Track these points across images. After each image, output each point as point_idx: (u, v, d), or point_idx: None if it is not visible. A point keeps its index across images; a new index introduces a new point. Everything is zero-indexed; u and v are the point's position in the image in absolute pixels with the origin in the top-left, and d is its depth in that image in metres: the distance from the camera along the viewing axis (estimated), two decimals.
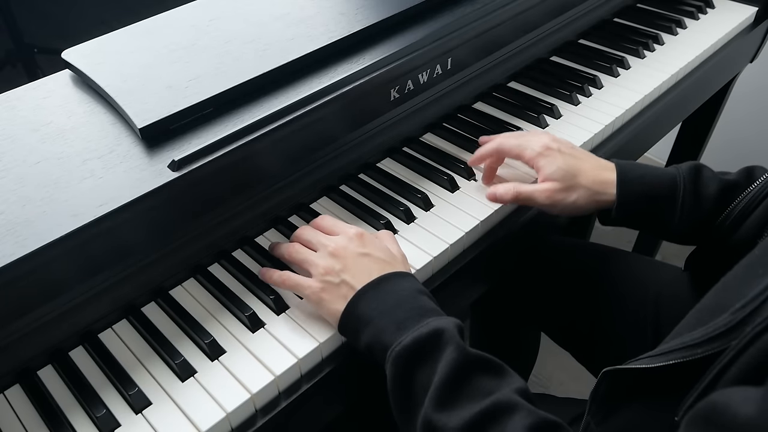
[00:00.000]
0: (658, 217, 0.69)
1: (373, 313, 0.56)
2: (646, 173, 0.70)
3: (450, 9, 0.81)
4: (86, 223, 0.54)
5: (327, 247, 0.62)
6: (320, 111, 0.68)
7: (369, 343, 0.56)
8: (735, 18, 1.09)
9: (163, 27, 0.72)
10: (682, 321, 0.52)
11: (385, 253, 0.62)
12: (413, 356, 0.53)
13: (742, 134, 1.71)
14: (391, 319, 0.55)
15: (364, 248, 0.61)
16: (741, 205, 0.65)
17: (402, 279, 0.59)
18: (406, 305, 0.56)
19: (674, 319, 0.77)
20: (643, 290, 0.81)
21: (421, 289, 0.59)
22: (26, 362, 0.59)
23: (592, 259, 0.87)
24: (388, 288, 0.58)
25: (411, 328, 0.54)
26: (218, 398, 0.56)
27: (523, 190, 0.71)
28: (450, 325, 0.54)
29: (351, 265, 0.60)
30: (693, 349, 0.44)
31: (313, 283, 0.61)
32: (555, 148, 0.72)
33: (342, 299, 0.59)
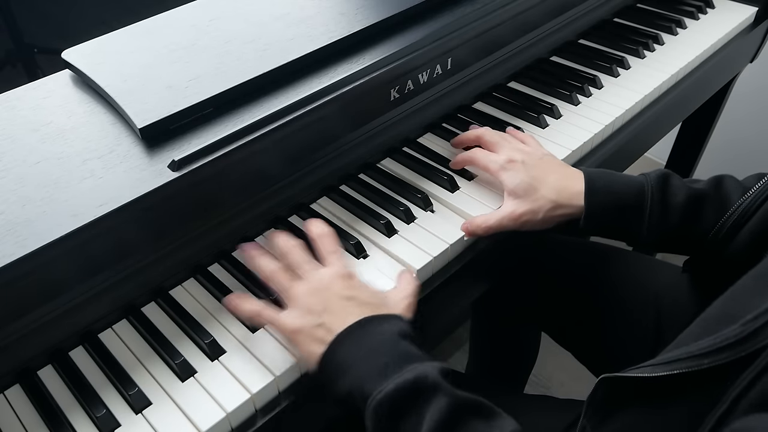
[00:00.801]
0: (626, 227, 0.69)
1: (351, 360, 0.53)
2: (614, 182, 0.69)
3: (450, 9, 0.81)
4: (86, 223, 0.54)
5: (311, 282, 0.59)
6: (320, 111, 0.68)
7: (349, 391, 0.52)
8: (735, 18, 1.09)
9: (163, 27, 0.72)
10: (685, 330, 0.51)
11: (372, 297, 0.59)
12: (397, 404, 0.50)
13: (742, 134, 1.71)
14: (373, 366, 0.52)
15: (350, 290, 0.58)
16: (734, 216, 0.64)
17: (384, 322, 0.55)
18: (386, 350, 0.53)
19: (675, 319, 0.77)
20: (644, 289, 0.81)
21: (404, 331, 0.55)
22: (26, 362, 0.59)
23: (592, 258, 0.87)
24: (369, 331, 0.54)
25: (392, 375, 0.51)
26: (218, 398, 0.56)
27: (492, 224, 0.70)
28: (434, 371, 0.51)
29: (333, 307, 0.56)
30: (699, 359, 0.43)
31: (289, 321, 0.57)
32: (519, 160, 0.72)
33: (319, 342, 0.55)
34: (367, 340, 0.54)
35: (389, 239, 0.71)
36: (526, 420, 0.72)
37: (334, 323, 0.55)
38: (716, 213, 0.66)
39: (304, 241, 0.64)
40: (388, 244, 0.70)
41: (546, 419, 0.71)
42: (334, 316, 0.56)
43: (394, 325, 0.55)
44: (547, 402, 0.77)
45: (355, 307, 0.56)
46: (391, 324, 0.55)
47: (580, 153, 0.85)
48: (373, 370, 0.52)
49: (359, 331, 0.54)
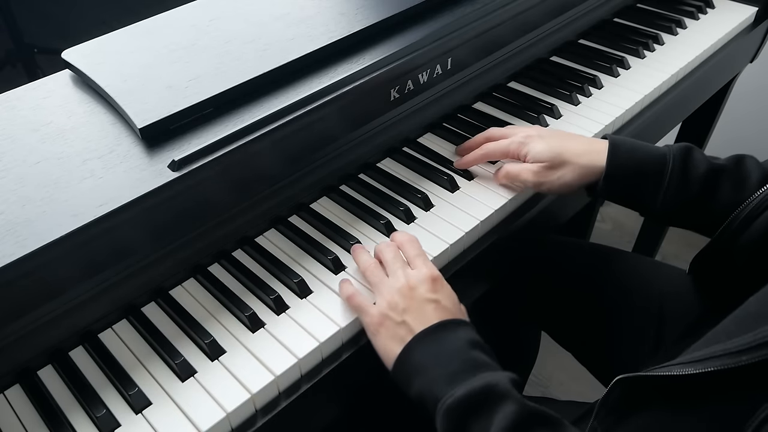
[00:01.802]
0: (643, 193, 0.69)
1: (427, 362, 0.56)
2: (638, 148, 0.70)
3: (450, 9, 0.81)
4: (86, 223, 0.54)
5: (398, 280, 0.61)
6: (320, 111, 0.68)
7: (420, 392, 0.55)
8: (735, 18, 1.09)
9: (163, 27, 0.72)
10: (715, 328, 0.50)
11: (451, 303, 0.61)
12: (467, 409, 0.52)
13: (743, 134, 1.71)
14: (444, 371, 0.54)
15: (434, 294, 0.60)
16: (750, 207, 0.65)
17: (459, 327, 0.58)
18: (460, 357, 0.55)
19: (676, 320, 0.77)
20: (645, 291, 0.81)
21: (477, 340, 0.58)
22: (26, 362, 0.59)
23: (593, 259, 0.87)
24: (445, 336, 0.57)
25: (464, 381, 0.53)
26: (218, 398, 0.56)
27: (511, 169, 0.73)
28: (504, 379, 0.53)
29: (415, 308, 0.59)
30: (737, 356, 0.42)
31: (374, 313, 0.60)
32: (536, 134, 0.74)
33: (398, 340, 0.58)
34: (442, 345, 0.56)
35: None
36: None
37: (415, 323, 0.58)
38: (733, 189, 0.67)
39: None
40: None
41: None
42: (415, 316, 0.58)
43: (467, 332, 0.58)
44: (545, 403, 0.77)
45: (435, 311, 0.59)
46: (466, 331, 0.58)
47: None
48: (444, 375, 0.54)
49: (436, 335, 0.57)
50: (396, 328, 0.58)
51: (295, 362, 0.59)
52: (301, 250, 0.71)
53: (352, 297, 0.62)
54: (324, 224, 0.72)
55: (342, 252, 0.70)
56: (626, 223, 1.83)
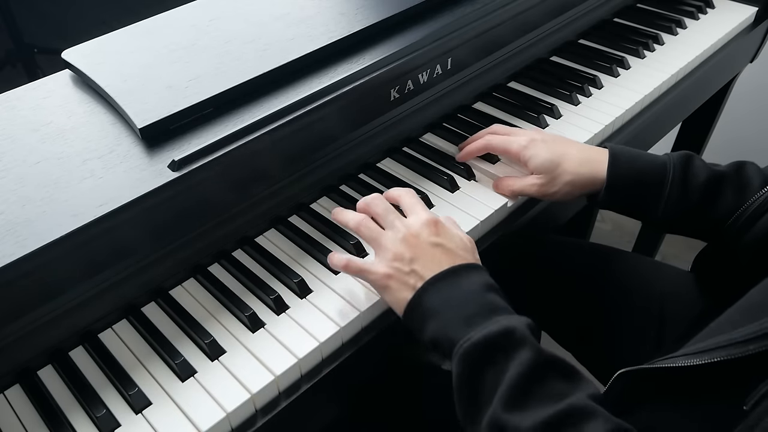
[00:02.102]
0: (644, 202, 0.69)
1: (440, 307, 0.55)
2: (638, 157, 0.70)
3: (450, 9, 0.81)
4: (86, 223, 0.54)
5: (399, 231, 0.60)
6: (320, 111, 0.68)
7: (435, 337, 0.54)
8: (735, 18, 1.09)
9: (163, 27, 0.72)
10: (719, 318, 0.50)
11: (457, 244, 0.60)
12: (483, 354, 0.51)
13: (742, 134, 1.71)
14: (460, 314, 0.54)
15: (437, 237, 0.59)
16: (753, 206, 0.65)
17: (472, 272, 0.57)
18: (475, 300, 0.55)
19: (676, 320, 0.77)
20: (645, 291, 0.81)
21: (492, 284, 0.57)
22: (26, 362, 0.59)
23: (592, 259, 0.87)
24: (457, 281, 0.56)
25: (480, 325, 0.52)
26: (218, 398, 0.56)
27: (514, 186, 0.74)
28: (521, 325, 0.52)
29: (422, 255, 0.58)
30: (744, 346, 0.42)
31: (380, 268, 0.59)
32: (540, 139, 0.74)
33: (409, 288, 0.57)
34: (456, 289, 0.55)
35: None
36: None
37: (424, 270, 0.57)
38: (735, 196, 0.67)
39: None
40: None
41: None
42: (424, 263, 0.57)
43: (481, 276, 0.57)
44: None
45: (443, 255, 0.58)
46: (479, 275, 0.57)
47: None
48: (460, 318, 0.53)
49: (448, 279, 0.56)
50: (406, 278, 0.57)
51: (295, 362, 0.59)
52: (301, 250, 0.71)
53: (349, 263, 0.61)
54: (324, 224, 0.72)
55: (341, 252, 0.69)
56: (626, 224, 1.83)
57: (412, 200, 0.64)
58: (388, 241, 0.59)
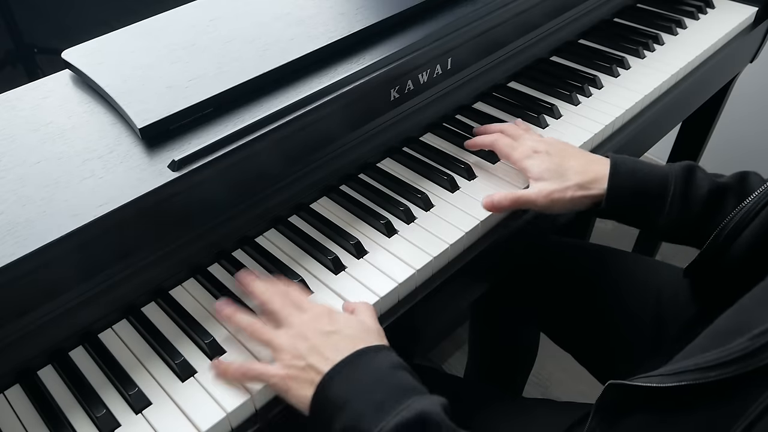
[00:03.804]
0: (645, 214, 0.69)
1: (346, 395, 0.51)
2: (639, 169, 0.70)
3: (450, 9, 0.81)
4: (86, 223, 0.54)
5: (292, 327, 0.57)
6: (320, 111, 0.68)
7: (346, 427, 0.50)
8: (735, 18, 1.09)
9: (163, 27, 0.72)
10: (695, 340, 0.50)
11: (355, 329, 0.56)
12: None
13: (742, 134, 1.71)
14: (369, 400, 0.50)
15: (331, 325, 0.56)
16: (736, 218, 0.64)
17: (377, 353, 0.54)
18: (384, 382, 0.51)
19: (675, 320, 0.77)
20: (644, 291, 0.81)
21: (399, 363, 0.54)
22: (26, 362, 0.59)
23: (592, 259, 0.87)
24: (362, 365, 0.53)
25: (392, 411, 0.49)
26: (218, 398, 0.56)
27: (520, 194, 0.71)
28: (435, 407, 0.49)
29: (318, 345, 0.54)
30: (706, 372, 0.43)
31: (278, 370, 0.55)
32: (543, 150, 0.73)
33: (309, 384, 0.53)
34: (360, 374, 0.52)
35: (389, 239, 0.71)
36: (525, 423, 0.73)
37: (322, 363, 0.53)
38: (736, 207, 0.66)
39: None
40: (388, 244, 0.70)
41: (546, 422, 0.71)
42: (321, 354, 0.54)
43: (387, 356, 0.54)
44: (546, 405, 0.77)
45: (341, 341, 0.55)
46: (386, 355, 0.54)
47: None
48: (369, 405, 0.50)
49: (353, 364, 0.53)
50: (304, 374, 0.53)
51: None
52: (301, 250, 0.71)
53: (247, 370, 0.56)
54: (324, 224, 0.72)
55: (342, 252, 0.69)
56: None
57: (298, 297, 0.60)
58: (282, 341, 0.56)
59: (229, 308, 0.60)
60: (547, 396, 1.43)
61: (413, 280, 0.67)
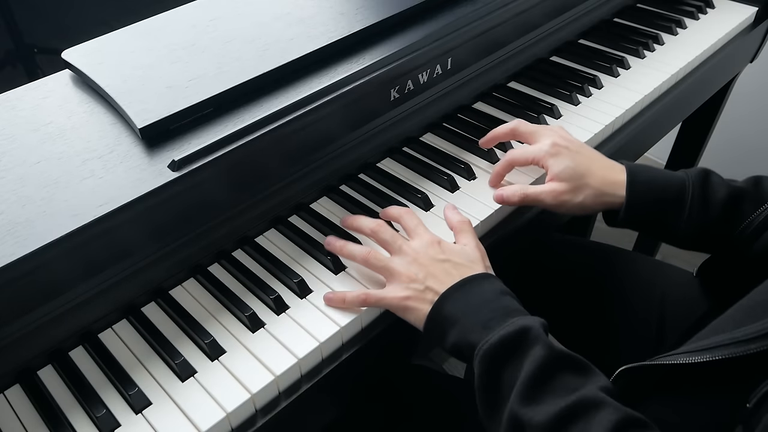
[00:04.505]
0: (664, 221, 0.69)
1: (458, 314, 0.57)
2: (656, 176, 0.69)
3: (450, 9, 0.81)
4: (86, 223, 0.54)
5: (407, 254, 0.63)
6: (320, 111, 0.68)
7: (456, 343, 0.57)
8: (735, 18, 1.09)
9: (163, 27, 0.72)
10: (720, 317, 0.50)
11: (463, 257, 0.63)
12: (500, 354, 0.53)
13: (742, 134, 1.71)
14: (477, 319, 0.56)
15: (443, 254, 0.62)
16: (763, 215, 0.64)
17: (485, 280, 0.60)
18: (491, 305, 0.57)
19: (678, 320, 0.77)
20: (647, 291, 0.81)
21: (504, 289, 0.60)
22: (26, 362, 0.59)
23: (594, 258, 0.87)
24: (471, 289, 0.59)
25: (497, 327, 0.55)
26: (218, 398, 0.56)
27: (530, 191, 0.71)
28: (536, 324, 0.55)
29: (433, 271, 0.61)
30: (746, 345, 0.43)
31: (398, 292, 0.61)
32: (564, 145, 0.72)
33: (428, 303, 0.60)
34: (471, 297, 0.58)
35: None
36: None
37: (439, 285, 0.60)
38: (754, 211, 0.66)
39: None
40: None
41: None
42: (437, 278, 0.60)
43: (492, 283, 0.60)
44: None
45: (453, 269, 0.61)
46: (491, 282, 0.60)
47: None
48: (478, 323, 0.56)
49: (463, 289, 0.59)
50: (423, 295, 0.60)
51: (295, 362, 0.59)
52: (301, 250, 0.71)
53: (366, 296, 0.62)
54: (324, 224, 0.72)
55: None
56: None
57: (413, 221, 0.67)
58: (399, 266, 0.62)
59: (339, 241, 0.67)
60: None
61: None
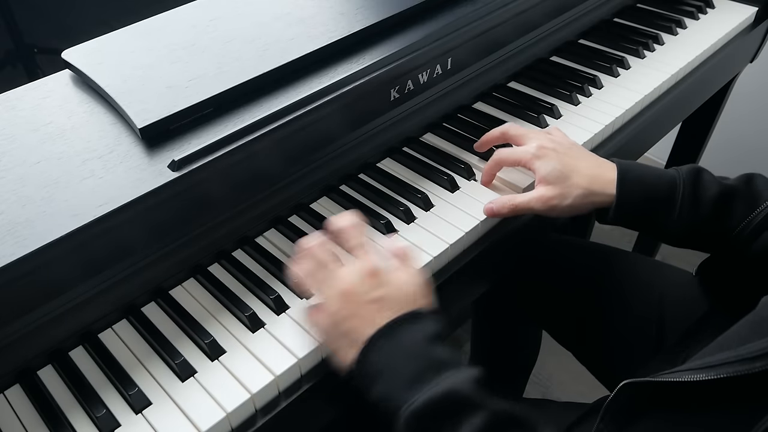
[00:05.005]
0: (655, 219, 0.68)
1: (382, 366, 0.52)
2: (646, 174, 0.69)
3: (450, 9, 0.81)
4: (86, 223, 0.54)
5: (336, 284, 0.57)
6: (320, 111, 0.68)
7: (380, 399, 0.52)
8: (735, 18, 1.09)
9: (163, 27, 0.72)
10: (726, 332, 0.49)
11: (400, 293, 0.56)
12: (428, 419, 0.49)
13: (742, 134, 1.71)
14: (401, 375, 0.51)
15: (377, 290, 0.56)
16: (760, 216, 0.64)
17: (413, 324, 0.54)
18: (417, 357, 0.52)
19: (678, 320, 0.77)
20: (646, 290, 0.81)
21: (434, 333, 0.54)
22: (26, 362, 0.59)
23: (593, 258, 0.87)
24: (400, 336, 0.53)
25: (423, 387, 0.50)
26: (218, 398, 0.56)
27: (518, 201, 0.70)
28: (467, 383, 0.50)
29: (360, 312, 0.55)
30: (751, 363, 0.42)
31: (321, 325, 0.58)
32: (551, 147, 0.71)
33: (351, 347, 0.55)
34: (397, 346, 0.53)
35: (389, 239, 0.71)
36: None
37: (363, 328, 0.54)
38: (746, 209, 0.66)
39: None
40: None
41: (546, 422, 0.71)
42: (363, 320, 0.55)
43: (423, 327, 0.54)
44: (547, 405, 0.77)
45: (385, 309, 0.55)
46: (423, 325, 0.54)
47: None
48: (402, 379, 0.51)
49: (390, 336, 0.53)
50: (345, 337, 0.55)
51: (295, 362, 0.59)
52: None
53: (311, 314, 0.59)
54: None
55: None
56: None
57: (351, 241, 0.60)
58: (326, 298, 0.57)
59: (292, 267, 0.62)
60: (547, 396, 1.43)
61: None
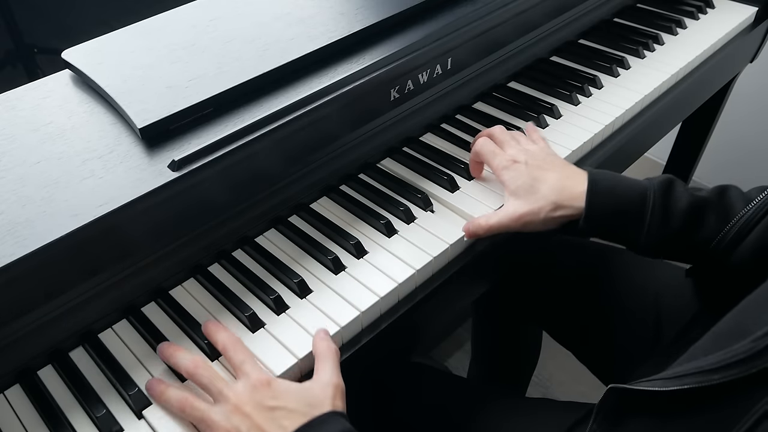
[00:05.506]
0: (625, 230, 0.67)
1: None
2: (618, 185, 0.68)
3: (450, 9, 0.81)
4: (86, 223, 0.54)
5: (227, 401, 0.52)
6: (320, 111, 0.68)
7: None
8: (735, 18, 1.09)
9: (163, 27, 0.72)
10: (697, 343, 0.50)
11: (301, 402, 0.53)
12: None
13: (742, 134, 1.71)
14: None
15: (274, 400, 0.52)
16: (735, 228, 0.64)
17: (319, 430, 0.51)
18: None
19: (675, 318, 0.77)
20: (644, 289, 0.81)
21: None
22: (26, 362, 0.59)
23: (592, 257, 0.87)
24: None
25: None
26: None
27: (492, 222, 0.70)
28: None
29: (259, 422, 0.51)
30: (709, 375, 0.43)
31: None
32: (522, 161, 0.71)
33: None
34: None
35: (389, 239, 0.71)
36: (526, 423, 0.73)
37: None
38: (718, 221, 0.65)
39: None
40: (388, 244, 0.70)
41: (546, 422, 0.71)
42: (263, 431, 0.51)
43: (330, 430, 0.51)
44: (547, 405, 0.77)
45: (284, 418, 0.51)
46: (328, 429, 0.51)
47: (580, 153, 0.85)
48: None
49: None
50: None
51: (294, 362, 0.59)
52: (301, 250, 0.71)
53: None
54: (324, 224, 0.72)
55: (342, 252, 0.69)
56: None
57: (238, 356, 0.56)
58: (218, 417, 0.52)
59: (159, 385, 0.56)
60: (548, 396, 1.43)
61: (413, 280, 0.67)
